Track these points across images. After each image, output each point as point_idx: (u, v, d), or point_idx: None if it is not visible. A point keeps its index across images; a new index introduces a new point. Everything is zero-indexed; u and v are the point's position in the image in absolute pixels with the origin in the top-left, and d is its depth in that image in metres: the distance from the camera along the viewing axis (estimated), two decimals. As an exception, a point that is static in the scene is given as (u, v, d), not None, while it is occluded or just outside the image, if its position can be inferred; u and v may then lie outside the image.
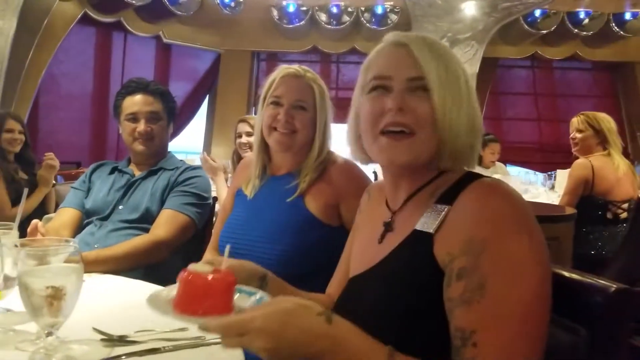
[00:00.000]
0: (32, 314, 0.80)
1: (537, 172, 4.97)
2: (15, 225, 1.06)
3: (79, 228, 1.77)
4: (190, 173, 1.81)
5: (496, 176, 4.43)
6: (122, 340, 0.95)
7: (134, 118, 1.79)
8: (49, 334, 0.82)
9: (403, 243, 0.82)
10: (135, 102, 1.79)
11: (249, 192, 1.47)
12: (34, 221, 1.48)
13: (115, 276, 1.46)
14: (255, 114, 5.77)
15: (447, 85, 0.82)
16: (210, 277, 0.72)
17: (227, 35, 5.94)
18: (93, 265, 1.48)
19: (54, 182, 2.97)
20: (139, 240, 1.63)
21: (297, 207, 1.38)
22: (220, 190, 2.79)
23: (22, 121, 3.01)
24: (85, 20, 4.88)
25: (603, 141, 2.94)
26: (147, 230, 1.69)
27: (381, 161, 0.88)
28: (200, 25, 5.72)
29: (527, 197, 3.98)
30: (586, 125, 2.97)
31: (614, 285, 0.83)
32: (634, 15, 5.98)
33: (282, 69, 1.45)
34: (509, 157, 5.96)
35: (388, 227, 0.89)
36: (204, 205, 1.77)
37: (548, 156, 6.34)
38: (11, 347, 0.89)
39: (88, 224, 1.76)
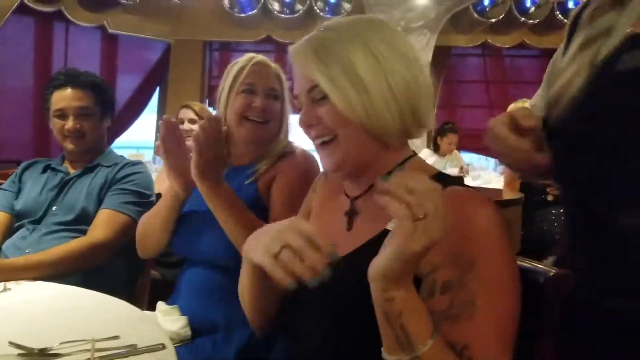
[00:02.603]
0: None
1: (488, 158, 5.09)
2: None
3: (9, 232, 1.65)
4: (130, 169, 1.72)
5: (450, 167, 4.51)
6: (43, 354, 0.88)
7: (62, 114, 1.67)
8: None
9: (374, 240, 0.80)
10: (63, 97, 1.67)
11: None
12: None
13: (47, 283, 1.37)
14: (209, 105, 5.65)
15: (345, 81, 0.80)
16: None
17: (177, 25, 5.75)
18: (22, 272, 1.39)
19: None
20: (75, 244, 1.54)
21: (250, 190, 1.35)
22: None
23: None
24: (23, 10, 4.61)
25: None
26: (84, 233, 1.60)
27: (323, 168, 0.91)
28: (148, 14, 5.50)
29: (479, 182, 4.07)
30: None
31: (552, 270, 0.83)
32: (576, 3, 6.16)
33: (250, 57, 1.41)
34: (464, 144, 6.05)
35: (352, 214, 0.89)
36: (146, 203, 1.68)
37: (500, 142, 6.48)
38: None
39: (19, 227, 1.65)
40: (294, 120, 1.42)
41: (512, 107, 3.20)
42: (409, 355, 0.67)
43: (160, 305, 1.20)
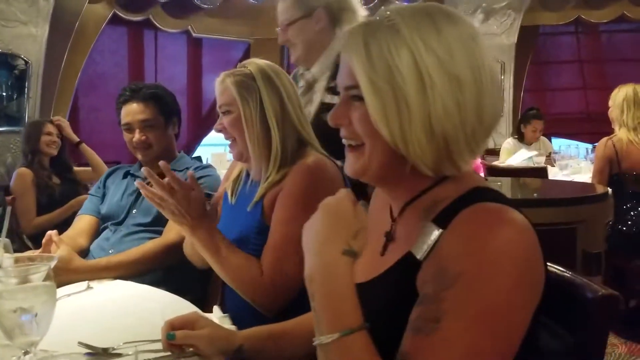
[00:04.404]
0: (6, 335, 0.83)
1: (579, 145, 4.71)
2: (1, 243, 1.09)
3: (96, 234, 1.82)
4: (200, 173, 1.82)
5: (536, 156, 4.22)
6: (105, 353, 0.97)
7: (129, 128, 1.80)
8: (26, 352, 0.84)
9: (397, 264, 0.76)
10: (128, 111, 1.79)
11: (230, 196, 1.44)
12: (48, 232, 1.54)
13: (125, 282, 1.50)
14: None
15: (387, 89, 0.70)
16: None
17: (256, 25, 5.93)
18: (104, 272, 1.53)
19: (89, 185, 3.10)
20: (150, 245, 1.66)
21: (254, 215, 1.32)
22: None
23: (59, 127, 3.16)
24: (116, 20, 4.99)
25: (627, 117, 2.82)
26: (160, 234, 1.72)
27: None
28: (228, 17, 5.73)
29: (567, 172, 3.80)
30: (611, 101, 2.90)
31: (602, 290, 0.77)
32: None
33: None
34: (555, 129, 5.69)
35: (389, 237, 0.82)
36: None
37: (596, 126, 5.97)
38: (-1, 365, 0.93)
39: (104, 229, 1.82)
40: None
41: (615, 93, 2.94)
42: (319, 340, 0.68)
43: (216, 310, 1.26)
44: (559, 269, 0.84)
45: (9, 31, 3.87)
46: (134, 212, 1.79)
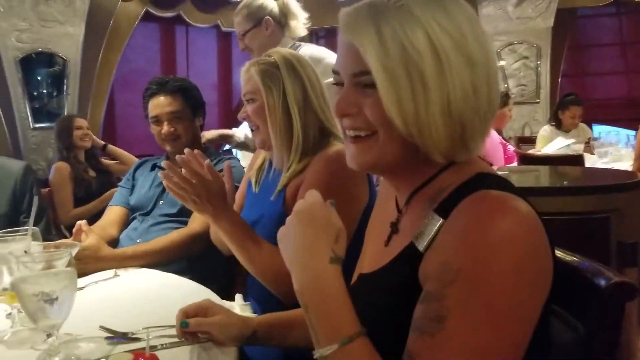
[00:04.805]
0: (30, 317, 0.87)
1: (619, 131, 4.52)
2: (29, 232, 1.14)
3: (125, 224, 1.88)
4: (223, 164, 1.85)
5: (574, 144, 4.08)
6: (125, 337, 1.01)
7: (157, 120, 1.85)
8: (49, 335, 0.89)
9: (400, 255, 0.74)
10: (156, 104, 1.84)
11: (254, 185, 1.46)
12: (78, 222, 1.60)
13: (150, 270, 1.55)
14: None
15: (402, 73, 0.66)
16: None
17: (284, 16, 5.95)
18: (131, 260, 1.58)
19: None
20: (175, 234, 1.70)
21: (276, 204, 1.34)
22: None
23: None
24: (148, 17, 5.10)
25: None
26: (186, 224, 1.76)
27: (347, 163, 0.78)
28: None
29: (606, 160, 3.66)
30: None
31: (615, 277, 0.74)
32: None
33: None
34: (594, 115, 5.47)
35: (394, 228, 0.80)
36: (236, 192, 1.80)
37: (639, 111, 5.74)
38: (27, 347, 0.98)
39: (133, 219, 1.87)
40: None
41: None
42: (318, 354, 0.67)
43: (238, 298, 1.28)
44: (571, 255, 0.82)
45: (47, 31, 4.02)
46: (160, 203, 1.84)
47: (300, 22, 2.13)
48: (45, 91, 4.18)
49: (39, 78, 4.07)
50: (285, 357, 1.23)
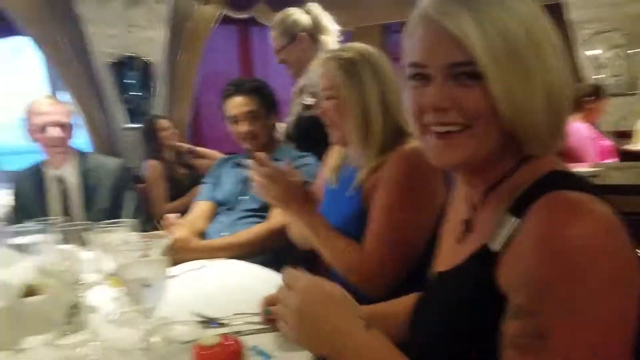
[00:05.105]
0: (131, 300, 0.97)
1: None
2: (128, 223, 1.24)
3: (212, 217, 1.99)
4: (300, 161, 1.92)
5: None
6: (214, 322, 1.08)
7: (235, 120, 1.94)
8: (148, 317, 0.98)
9: (474, 254, 0.72)
10: (234, 104, 1.94)
11: (331, 181, 1.50)
12: (169, 216, 1.72)
13: (236, 261, 1.64)
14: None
15: (507, 61, 0.64)
16: (213, 349, 0.83)
17: (356, 13, 5.94)
18: (218, 252, 1.69)
19: None
20: (257, 228, 1.79)
21: (353, 201, 1.35)
22: None
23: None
24: (225, 19, 5.30)
25: None
26: (268, 218, 1.84)
27: (431, 162, 0.75)
28: (329, 7, 5.79)
29: None
30: None
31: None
32: None
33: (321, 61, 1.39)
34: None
35: (468, 226, 0.78)
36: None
37: None
38: (130, 327, 1.08)
39: (219, 213, 1.99)
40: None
41: None
42: None
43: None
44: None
45: (133, 36, 4.29)
46: (243, 198, 1.94)
47: (332, 37, 2.22)
48: (135, 93, 4.47)
49: (128, 81, 4.36)
50: None
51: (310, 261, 1.88)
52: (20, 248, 1.06)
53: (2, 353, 0.95)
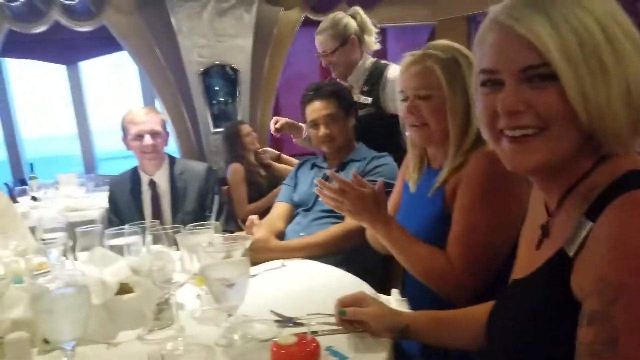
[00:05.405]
0: (214, 299, 1.02)
1: None
2: (212, 225, 1.31)
3: (290, 218, 2.05)
4: (376, 162, 1.92)
5: None
6: (291, 321, 1.12)
7: (315, 124, 1.98)
8: (230, 315, 1.03)
9: (550, 260, 0.71)
10: (313, 109, 1.98)
11: (411, 185, 1.47)
12: (250, 217, 1.80)
13: (313, 261, 1.68)
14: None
15: (582, 60, 0.63)
16: (291, 348, 0.87)
17: (438, 6, 5.80)
18: (295, 252, 1.73)
19: None
20: (333, 229, 1.82)
21: (435, 203, 1.33)
22: None
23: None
24: (307, 23, 5.39)
25: None
26: (343, 219, 1.86)
27: (507, 167, 0.74)
28: (409, 2, 5.72)
29: None
30: None
31: None
32: None
33: (405, 62, 1.35)
34: None
35: (544, 231, 0.77)
36: (389, 192, 1.85)
37: None
38: (212, 324, 1.15)
39: (297, 214, 2.04)
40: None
41: None
42: None
43: (395, 293, 1.32)
44: None
45: (222, 45, 4.51)
46: (320, 200, 1.97)
47: (373, 37, 2.39)
48: (222, 99, 4.70)
49: (216, 88, 4.59)
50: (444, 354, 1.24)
51: (385, 262, 1.88)
52: (116, 249, 1.16)
53: (97, 346, 1.05)
